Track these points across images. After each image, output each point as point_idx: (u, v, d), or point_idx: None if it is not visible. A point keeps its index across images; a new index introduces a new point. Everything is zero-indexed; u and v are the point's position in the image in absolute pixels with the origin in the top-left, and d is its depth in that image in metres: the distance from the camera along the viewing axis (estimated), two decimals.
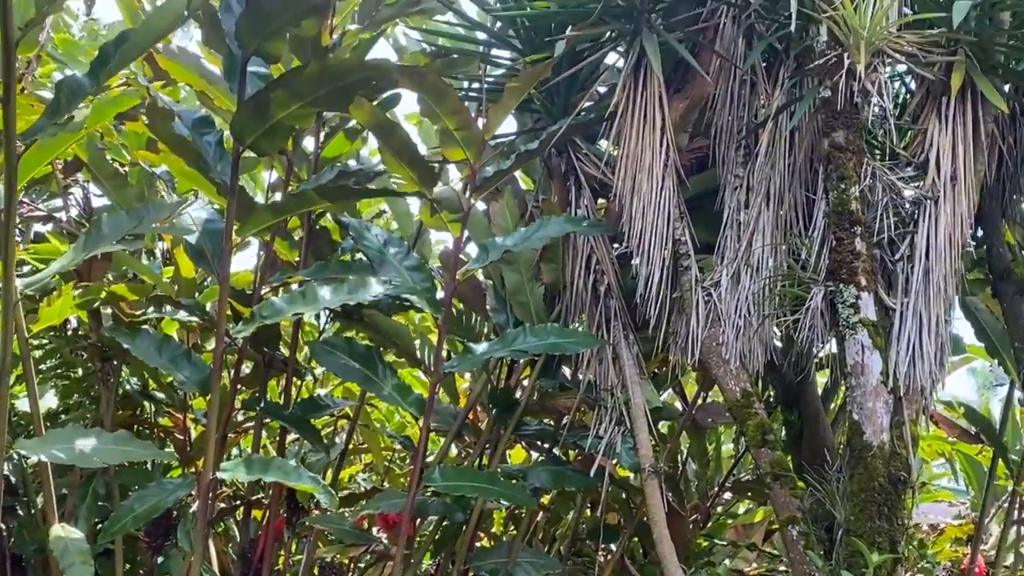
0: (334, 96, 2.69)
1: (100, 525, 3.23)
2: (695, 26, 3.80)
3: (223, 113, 3.29)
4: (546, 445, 4.19)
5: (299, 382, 4.30)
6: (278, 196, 3.62)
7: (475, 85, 3.85)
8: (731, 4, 3.79)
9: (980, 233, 4.19)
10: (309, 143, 3.69)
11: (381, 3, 3.39)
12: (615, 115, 3.71)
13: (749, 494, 5.12)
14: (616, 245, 4.02)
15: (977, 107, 3.49)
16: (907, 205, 3.48)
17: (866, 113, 3.40)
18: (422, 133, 4.38)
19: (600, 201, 4.06)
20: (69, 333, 3.64)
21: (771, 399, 4.55)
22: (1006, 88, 3.67)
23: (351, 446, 4.49)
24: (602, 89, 4.02)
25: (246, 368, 3.74)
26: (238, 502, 3.88)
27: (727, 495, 5.33)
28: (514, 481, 3.62)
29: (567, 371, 4.17)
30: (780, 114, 3.69)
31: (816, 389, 4.57)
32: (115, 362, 3.50)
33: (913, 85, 3.89)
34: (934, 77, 3.44)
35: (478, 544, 4.34)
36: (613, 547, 4.30)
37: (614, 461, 3.81)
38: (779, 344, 4.04)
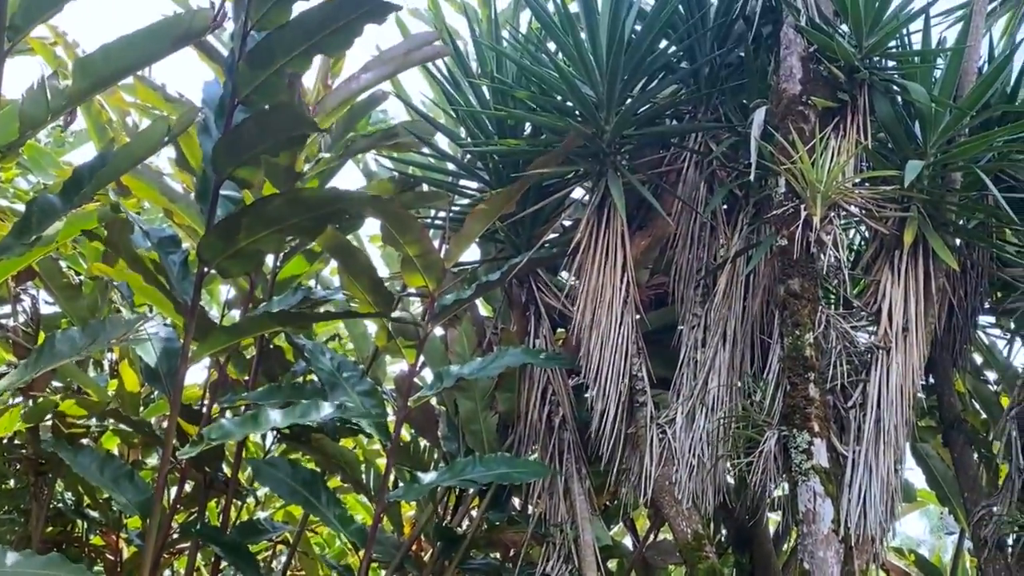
0: (306, 225, 2.70)
1: None
2: (658, 168, 3.91)
3: (185, 230, 3.28)
4: None
5: (239, 503, 4.17)
6: (235, 313, 3.58)
7: (442, 214, 3.89)
8: (694, 151, 3.90)
9: (931, 381, 4.24)
10: (267, 260, 3.67)
11: (356, 133, 3.44)
12: (578, 250, 3.75)
13: None
14: (573, 377, 4.01)
15: (929, 261, 3.58)
16: (860, 353, 3.52)
17: (821, 262, 3.47)
18: (384, 256, 4.39)
19: (559, 331, 4.07)
20: (4, 442, 3.52)
21: (723, 540, 4.50)
22: (957, 243, 3.78)
23: (289, 573, 4.33)
24: (567, 223, 4.08)
25: (187, 487, 3.62)
26: None
27: None
28: None
29: (517, 502, 4.09)
30: (738, 258, 3.76)
31: (768, 531, 4.52)
32: (49, 475, 3.37)
33: (868, 234, 3.99)
34: (888, 231, 3.54)
35: None
36: None
37: None
38: (732, 482, 4.02)
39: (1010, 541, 3.79)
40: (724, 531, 4.53)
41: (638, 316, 3.79)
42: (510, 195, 3.25)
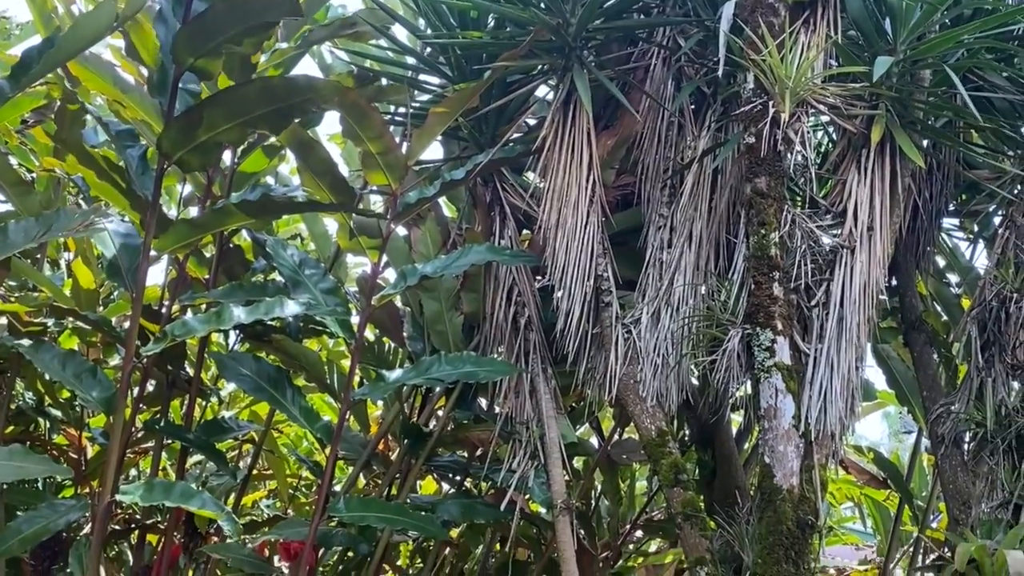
0: (272, 117, 2.63)
1: None
2: (626, 65, 3.83)
3: (138, 124, 3.18)
4: (458, 477, 4.12)
5: (203, 403, 4.16)
6: (192, 211, 3.51)
7: (402, 110, 3.80)
8: (662, 46, 3.83)
9: (894, 283, 4.27)
10: (225, 156, 3.59)
11: (315, 23, 3.33)
12: (543, 148, 3.69)
13: (661, 533, 5.12)
14: (538, 278, 4.00)
15: (895, 160, 3.56)
16: (825, 253, 3.52)
17: (788, 161, 3.45)
18: (345, 154, 4.30)
19: (524, 233, 4.04)
20: None
21: (686, 438, 4.56)
22: (924, 144, 3.76)
23: (255, 471, 4.36)
24: (531, 121, 4.01)
25: (149, 386, 3.60)
26: (133, 526, 3.72)
27: (639, 533, 5.31)
28: (423, 513, 3.54)
29: (483, 403, 4.12)
30: (705, 157, 3.72)
31: (731, 430, 4.59)
32: (8, 375, 3.33)
33: (835, 136, 3.96)
34: (855, 130, 3.51)
35: None
36: None
37: (526, 496, 3.76)
38: (696, 383, 4.06)
39: (967, 438, 3.86)
40: (687, 429, 4.59)
41: (604, 217, 3.76)
42: (473, 91, 3.17)
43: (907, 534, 5.50)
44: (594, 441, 5.05)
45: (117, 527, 3.73)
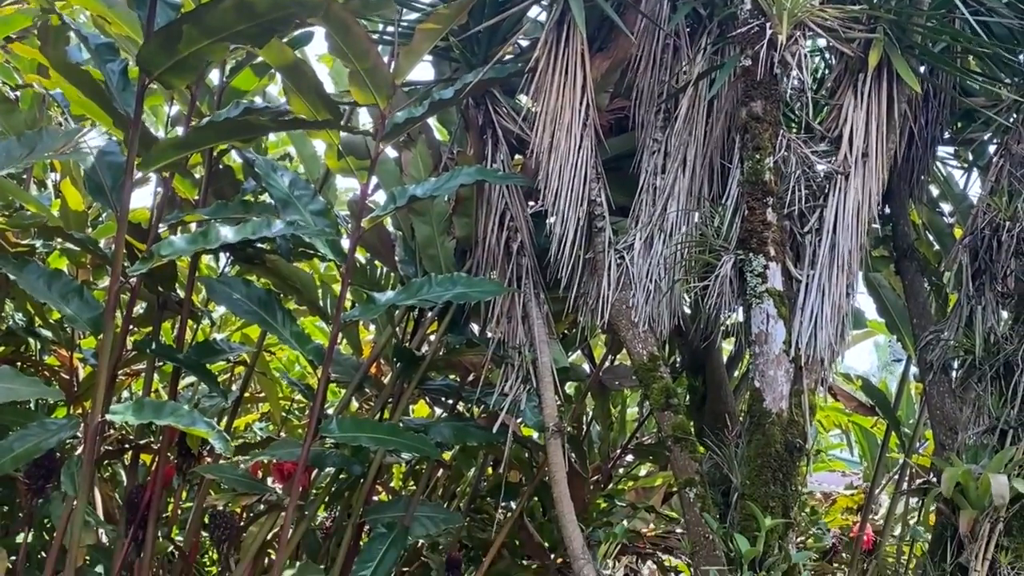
0: (253, 32, 2.56)
1: None
2: None
3: (123, 41, 3.11)
4: (450, 402, 4.14)
5: (195, 326, 4.16)
6: (179, 130, 3.45)
7: (391, 29, 3.72)
8: None
9: (887, 211, 4.26)
10: (213, 76, 3.53)
11: None
12: (535, 70, 3.64)
13: (651, 458, 5.18)
14: (531, 203, 3.98)
15: (892, 86, 3.53)
16: (819, 179, 3.50)
17: (785, 85, 3.40)
18: (333, 74, 4.22)
19: (517, 157, 4.00)
20: None
21: (677, 365, 4.59)
22: (921, 69, 3.72)
23: (247, 394, 4.38)
24: (524, 43, 3.95)
25: (139, 309, 3.59)
26: (126, 446, 3.74)
27: (629, 458, 5.38)
28: (416, 434, 3.56)
29: (476, 328, 4.12)
30: (701, 80, 3.67)
31: (721, 357, 4.62)
32: None
33: (833, 61, 3.91)
34: (853, 54, 3.46)
35: (376, 498, 4.29)
36: (513, 505, 4.30)
37: (518, 419, 3.79)
38: (687, 311, 4.06)
39: (955, 365, 3.89)
40: (678, 356, 4.62)
41: (597, 141, 3.72)
42: (462, 6, 3.10)
43: (893, 461, 5.58)
44: (586, 368, 5.07)
45: (110, 448, 3.76)
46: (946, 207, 4.79)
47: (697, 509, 3.37)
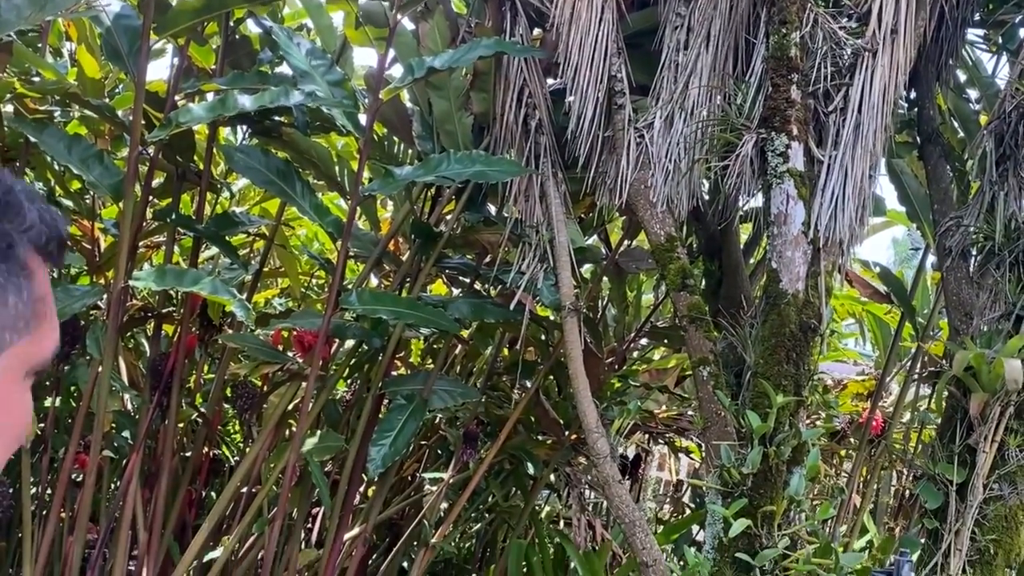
0: None
1: None
2: None
3: None
4: (467, 280, 4.17)
5: (213, 199, 4.17)
6: None
7: None
8: None
9: (913, 95, 4.18)
10: None
11: None
12: None
13: (665, 341, 5.22)
14: (550, 80, 3.91)
15: None
16: (846, 56, 3.42)
17: None
18: None
19: (536, 32, 3.92)
20: None
21: (694, 248, 4.58)
22: None
23: (267, 268, 4.41)
24: None
25: (158, 181, 3.59)
26: (149, 314, 3.80)
27: (644, 341, 5.43)
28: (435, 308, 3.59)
29: (492, 208, 4.11)
30: None
31: (738, 241, 4.61)
32: (18, 164, 3.32)
33: None
34: None
35: (394, 372, 4.36)
36: (528, 384, 4.37)
37: (535, 298, 3.81)
38: (706, 197, 4.04)
39: (974, 252, 3.87)
40: (695, 240, 4.61)
41: (619, 15, 3.63)
42: None
43: (906, 350, 5.61)
44: (603, 251, 5.08)
45: (133, 316, 3.81)
46: (973, 93, 4.68)
47: (710, 387, 3.42)
